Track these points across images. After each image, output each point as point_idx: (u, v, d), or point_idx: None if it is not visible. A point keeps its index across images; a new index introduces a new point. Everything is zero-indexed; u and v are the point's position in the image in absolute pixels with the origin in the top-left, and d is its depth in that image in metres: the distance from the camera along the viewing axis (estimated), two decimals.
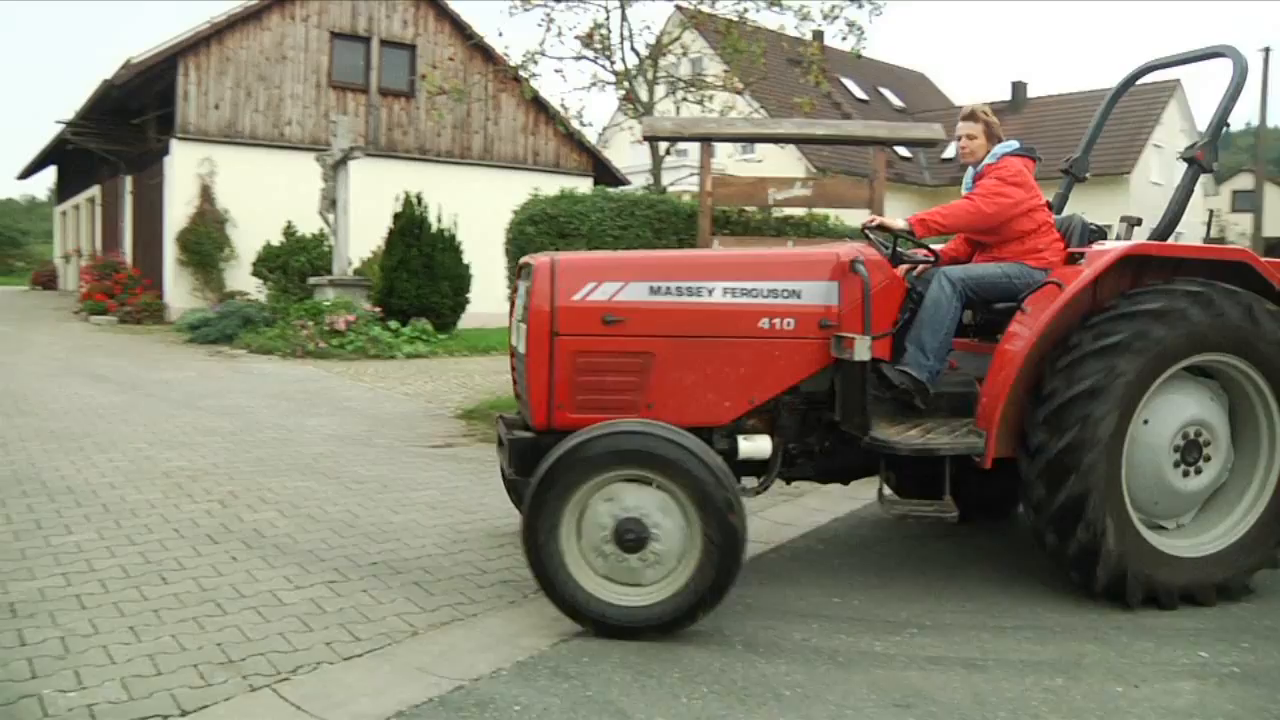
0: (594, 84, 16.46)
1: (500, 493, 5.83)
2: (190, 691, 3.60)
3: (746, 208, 9.78)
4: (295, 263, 20.12)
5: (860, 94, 40.63)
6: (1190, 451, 4.84)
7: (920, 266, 5.39)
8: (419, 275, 17.15)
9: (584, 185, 23.71)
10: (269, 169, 23.57)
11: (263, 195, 22.33)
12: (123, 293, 23.41)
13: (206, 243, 23.19)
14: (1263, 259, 5.04)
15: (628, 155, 31.08)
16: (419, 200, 17.63)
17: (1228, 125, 5.32)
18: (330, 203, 17.66)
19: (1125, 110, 34.65)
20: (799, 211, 10.13)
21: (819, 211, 10.45)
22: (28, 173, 43.06)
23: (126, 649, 3.98)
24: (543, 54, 15.99)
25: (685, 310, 4.70)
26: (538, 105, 24.52)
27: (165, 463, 7.39)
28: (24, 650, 3.94)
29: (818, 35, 18.57)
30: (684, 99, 16.12)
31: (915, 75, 49.31)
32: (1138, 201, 33.00)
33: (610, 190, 12.34)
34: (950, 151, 36.61)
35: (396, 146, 26.06)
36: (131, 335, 19.57)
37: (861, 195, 8.75)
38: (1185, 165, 5.28)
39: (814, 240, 9.40)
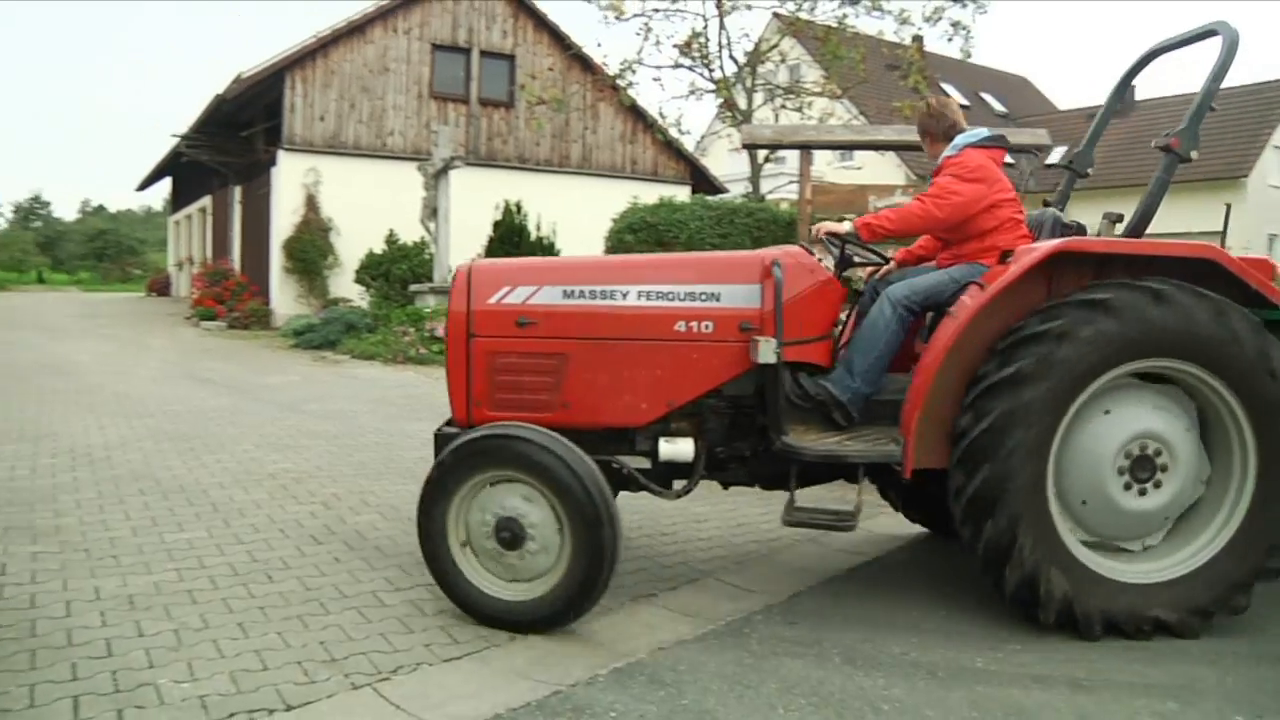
0: (692, 92, 16.51)
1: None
2: (295, 687, 3.69)
3: (846, 215, 9.69)
4: (397, 270, 20.50)
5: (961, 99, 39.99)
6: (1142, 467, 4.41)
7: (883, 270, 5.28)
8: None
9: (682, 193, 23.78)
10: (371, 178, 24.08)
11: (365, 204, 22.82)
12: (231, 299, 24.15)
13: (311, 250, 23.79)
14: (1237, 256, 4.50)
15: (726, 163, 31.01)
16: (518, 208, 17.86)
17: (1213, 108, 4.83)
18: (431, 211, 17.96)
19: (1242, 109, 33.45)
20: None
21: None
22: (145, 185, 44.73)
23: (235, 644, 4.09)
24: (641, 63, 16.09)
25: (598, 313, 4.74)
26: (635, 114, 24.63)
27: (271, 465, 7.58)
28: (141, 641, 4.09)
29: (917, 39, 18.33)
30: (782, 106, 16.05)
31: (1017, 79, 48.33)
32: (1257, 205, 31.77)
33: (709, 198, 12.34)
34: (1054, 157, 35.80)
35: (496, 155, 26.40)
36: (239, 340, 20.17)
37: None
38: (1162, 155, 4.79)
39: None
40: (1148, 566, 4.50)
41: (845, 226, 4.89)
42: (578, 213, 20.60)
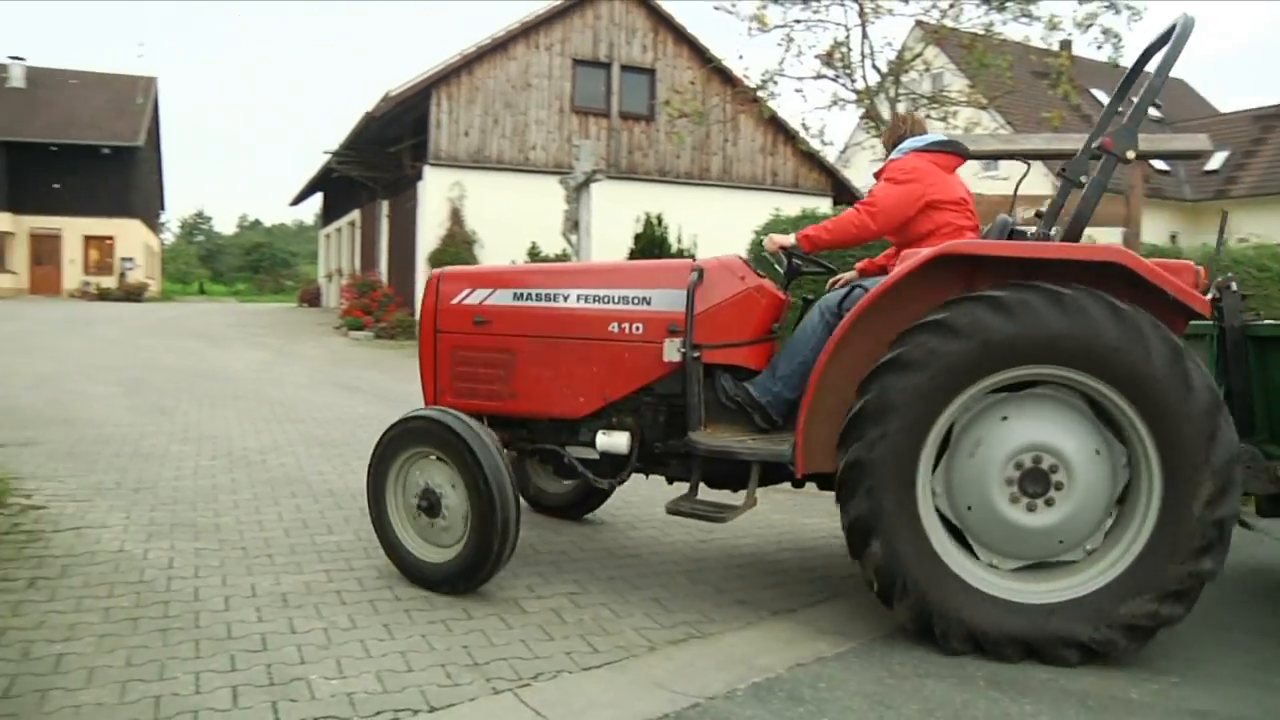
0: (834, 103, 16.32)
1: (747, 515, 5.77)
2: (438, 689, 3.76)
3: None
4: None
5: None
6: (1034, 481, 4.20)
7: (844, 279, 5.37)
8: None
9: (824, 205, 23.57)
10: (514, 192, 24.55)
11: (508, 217, 23.28)
12: (378, 309, 24.91)
13: (455, 263, 24.15)
14: (1148, 259, 4.20)
15: (868, 174, 30.50)
16: (659, 221, 17.96)
17: (1158, 104, 4.51)
18: (573, 224, 18.15)
19: None
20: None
21: None
22: (298, 200, 46.65)
23: (381, 644, 4.20)
24: (782, 74, 15.98)
25: (542, 314, 5.24)
26: (776, 125, 24.55)
27: None
28: (294, 637, 4.24)
29: (1065, 45, 17.76)
30: (926, 116, 15.73)
31: (1175, 83, 46.31)
32: None
33: None
34: (1214, 163, 34.13)
35: (637, 169, 26.63)
36: (386, 350, 20.78)
37: (1116, 213, 8.28)
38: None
39: None
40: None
41: (790, 239, 5.01)
42: (718, 225, 20.57)
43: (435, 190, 25.01)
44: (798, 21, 15.81)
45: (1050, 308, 4.05)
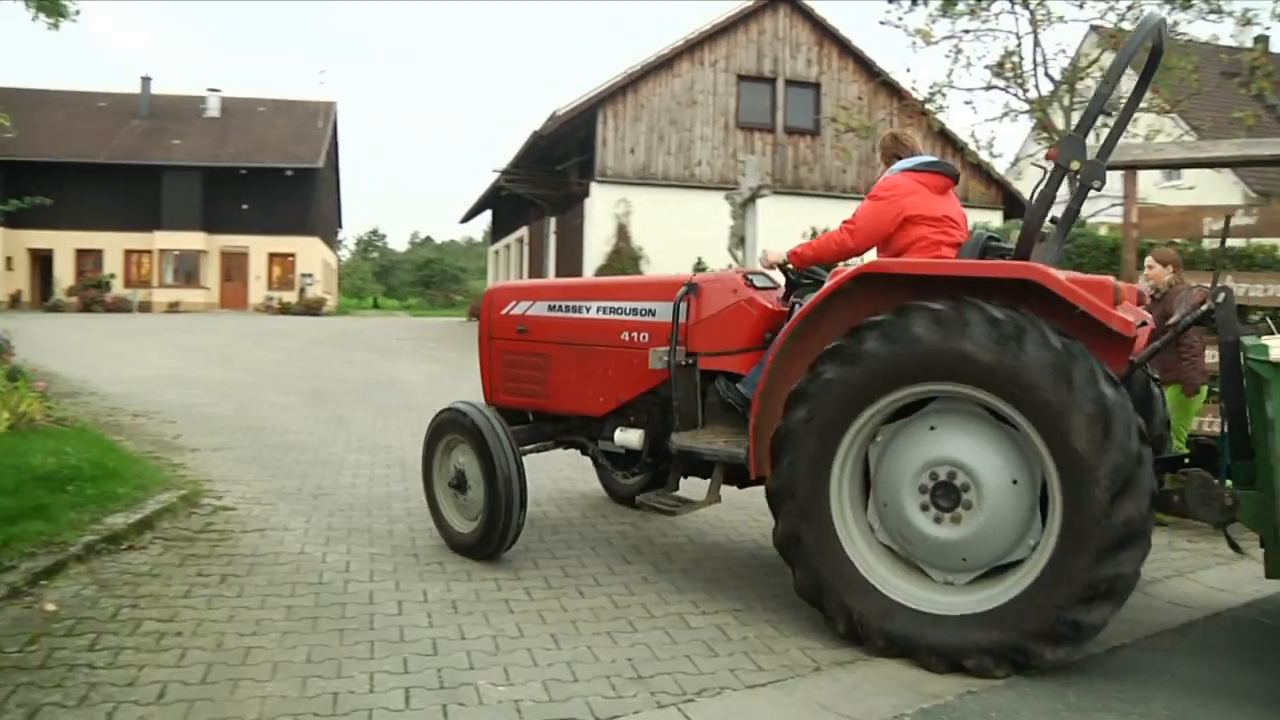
0: (1005, 114, 15.88)
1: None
2: (603, 700, 3.80)
3: (1176, 240, 8.99)
4: None
5: None
6: (945, 494, 4.28)
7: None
8: None
9: (994, 219, 22.91)
10: (680, 208, 24.71)
11: (674, 233, 23.41)
12: None
13: None
14: (1064, 276, 4.11)
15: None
16: None
17: (1107, 111, 4.53)
18: (739, 240, 18.11)
19: None
20: (1238, 242, 9.17)
21: (1263, 241, 9.43)
22: (468, 217, 48.09)
23: (548, 653, 4.27)
24: (951, 85, 15.63)
25: (570, 323, 5.96)
26: (944, 138, 24.00)
27: (584, 484, 7.87)
28: (463, 643, 4.36)
29: (1261, 40, 16.75)
30: (1104, 125, 15.12)
31: None
32: None
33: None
34: None
35: (802, 183, 26.48)
36: None
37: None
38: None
39: (1254, 274, 8.36)
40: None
41: (782, 256, 5.27)
42: None
43: (602, 207, 25.39)
44: (966, 32, 15.46)
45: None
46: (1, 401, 8.96)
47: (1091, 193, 4.54)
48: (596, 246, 25.37)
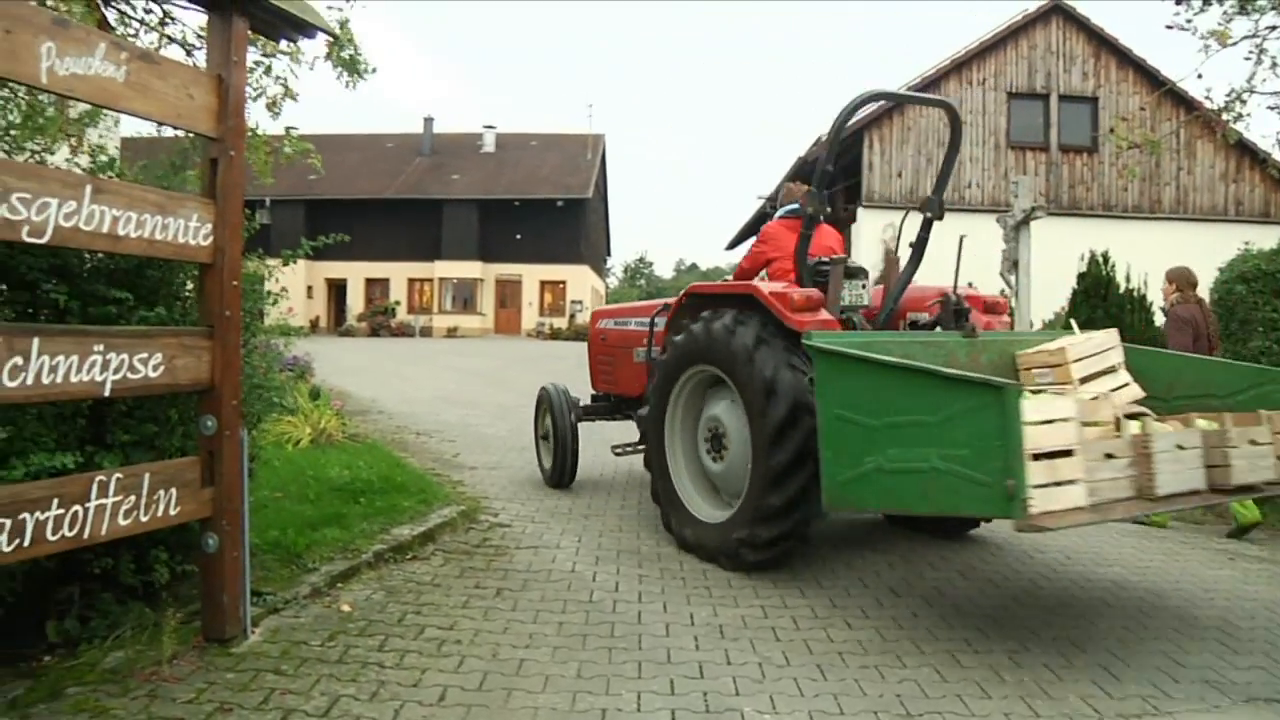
0: None
1: (1195, 577, 5.29)
2: None
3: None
4: None
5: None
6: (718, 442, 6.24)
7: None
8: None
9: None
10: (949, 232, 24.00)
11: (942, 258, 22.76)
12: None
13: None
14: (769, 290, 5.87)
15: None
16: (1105, 259, 16.71)
17: (826, 174, 6.31)
18: (1011, 264, 17.37)
19: None
20: None
21: None
22: (734, 244, 48.27)
23: (814, 684, 4.20)
24: (1252, 90, 14.43)
25: (622, 333, 8.34)
26: (1241, 148, 22.22)
27: (852, 517, 7.72)
28: (729, 669, 4.35)
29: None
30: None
31: None
32: None
33: None
34: None
35: (1079, 204, 25.20)
36: None
37: None
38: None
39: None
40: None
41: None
42: (1172, 261, 18.85)
43: (869, 232, 25.04)
44: (1271, 29, 14.22)
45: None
46: (304, 418, 9.74)
47: None
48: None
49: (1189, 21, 14.83)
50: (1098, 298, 16.37)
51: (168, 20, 9.37)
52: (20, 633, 4.15)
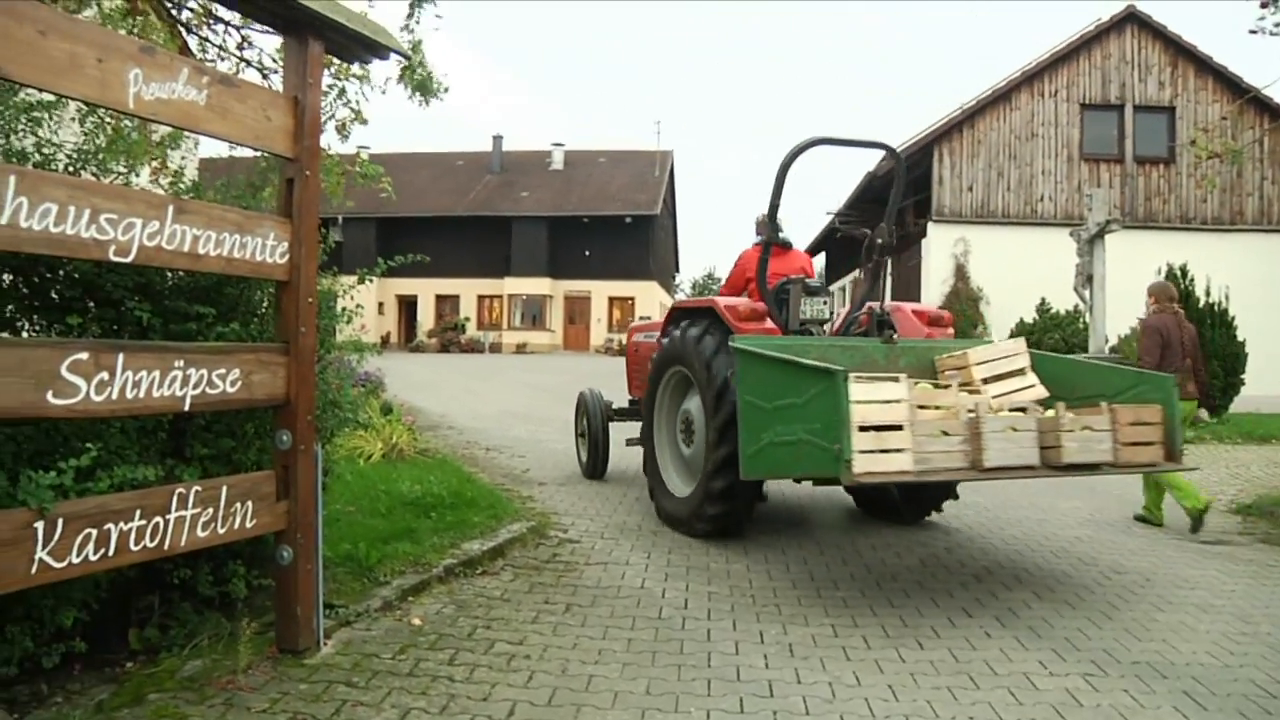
0: None
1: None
2: None
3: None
4: (1049, 340, 19.78)
5: None
6: (688, 431, 7.47)
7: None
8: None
9: None
10: (1021, 246, 23.70)
11: (1014, 273, 22.47)
12: None
13: (961, 320, 23.90)
14: (723, 304, 7.18)
15: None
16: (1183, 272, 16.36)
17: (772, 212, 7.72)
18: (1086, 278, 17.11)
19: None
20: None
21: None
22: None
23: (885, 705, 4.15)
24: None
25: (650, 345, 8.98)
26: None
27: (924, 532, 7.64)
28: (799, 688, 4.31)
29: None
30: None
31: None
32: None
33: None
34: None
35: (1155, 216, 24.70)
36: None
37: None
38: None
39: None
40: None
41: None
42: (1255, 275, 18.49)
43: (939, 247, 24.79)
44: None
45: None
46: (376, 433, 9.87)
47: None
48: (934, 287, 24.75)
49: (1278, 25, 14.41)
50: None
51: (245, 44, 9.59)
52: (105, 639, 4.26)
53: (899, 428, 5.29)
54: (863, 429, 5.11)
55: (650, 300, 51.28)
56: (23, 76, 3.18)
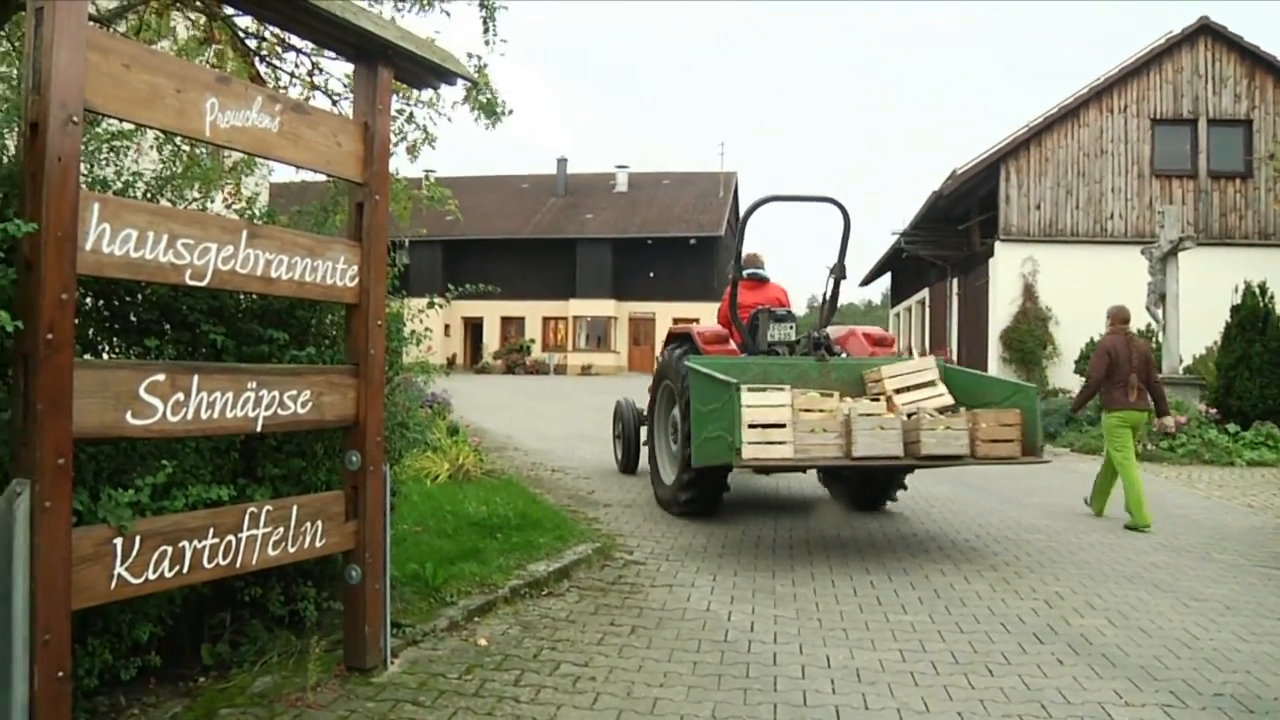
0: None
1: None
2: None
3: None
4: None
5: None
6: (675, 432, 8.93)
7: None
8: (1263, 374, 15.24)
9: None
10: (1091, 265, 23.28)
11: (1084, 292, 22.02)
12: None
13: (1029, 340, 23.58)
14: (695, 330, 9.35)
15: None
16: (1261, 290, 15.94)
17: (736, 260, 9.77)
18: (1158, 297, 16.74)
19: None
20: None
21: None
22: (867, 280, 48.08)
23: None
24: None
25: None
26: None
27: (992, 556, 7.52)
28: (866, 714, 4.25)
29: None
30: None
31: None
32: None
33: None
34: None
35: (1231, 233, 24.15)
36: None
37: None
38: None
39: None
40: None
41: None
42: None
43: (1006, 266, 24.47)
44: None
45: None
46: (443, 454, 9.95)
47: None
48: (1002, 307, 24.42)
49: None
50: (1254, 330, 15.60)
51: (316, 71, 9.77)
52: (179, 654, 4.34)
53: (782, 425, 7.01)
54: (752, 426, 6.88)
55: (713, 321, 51.21)
56: (106, 108, 3.28)
